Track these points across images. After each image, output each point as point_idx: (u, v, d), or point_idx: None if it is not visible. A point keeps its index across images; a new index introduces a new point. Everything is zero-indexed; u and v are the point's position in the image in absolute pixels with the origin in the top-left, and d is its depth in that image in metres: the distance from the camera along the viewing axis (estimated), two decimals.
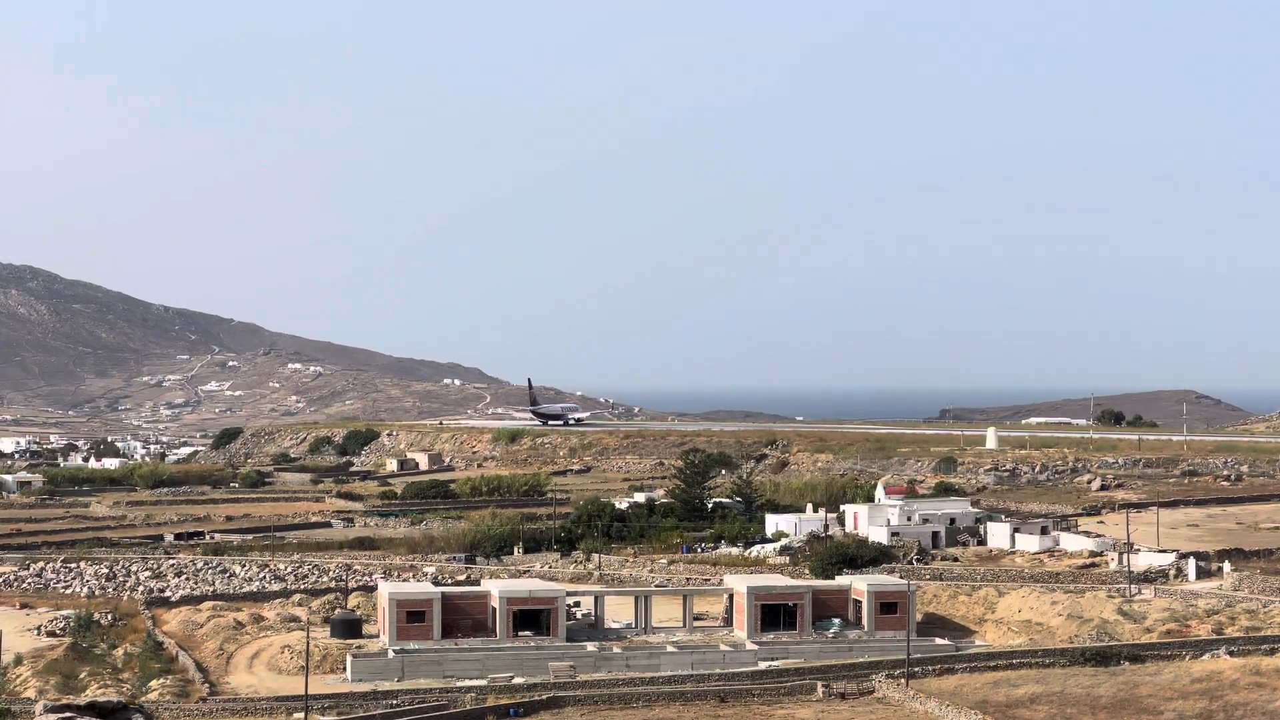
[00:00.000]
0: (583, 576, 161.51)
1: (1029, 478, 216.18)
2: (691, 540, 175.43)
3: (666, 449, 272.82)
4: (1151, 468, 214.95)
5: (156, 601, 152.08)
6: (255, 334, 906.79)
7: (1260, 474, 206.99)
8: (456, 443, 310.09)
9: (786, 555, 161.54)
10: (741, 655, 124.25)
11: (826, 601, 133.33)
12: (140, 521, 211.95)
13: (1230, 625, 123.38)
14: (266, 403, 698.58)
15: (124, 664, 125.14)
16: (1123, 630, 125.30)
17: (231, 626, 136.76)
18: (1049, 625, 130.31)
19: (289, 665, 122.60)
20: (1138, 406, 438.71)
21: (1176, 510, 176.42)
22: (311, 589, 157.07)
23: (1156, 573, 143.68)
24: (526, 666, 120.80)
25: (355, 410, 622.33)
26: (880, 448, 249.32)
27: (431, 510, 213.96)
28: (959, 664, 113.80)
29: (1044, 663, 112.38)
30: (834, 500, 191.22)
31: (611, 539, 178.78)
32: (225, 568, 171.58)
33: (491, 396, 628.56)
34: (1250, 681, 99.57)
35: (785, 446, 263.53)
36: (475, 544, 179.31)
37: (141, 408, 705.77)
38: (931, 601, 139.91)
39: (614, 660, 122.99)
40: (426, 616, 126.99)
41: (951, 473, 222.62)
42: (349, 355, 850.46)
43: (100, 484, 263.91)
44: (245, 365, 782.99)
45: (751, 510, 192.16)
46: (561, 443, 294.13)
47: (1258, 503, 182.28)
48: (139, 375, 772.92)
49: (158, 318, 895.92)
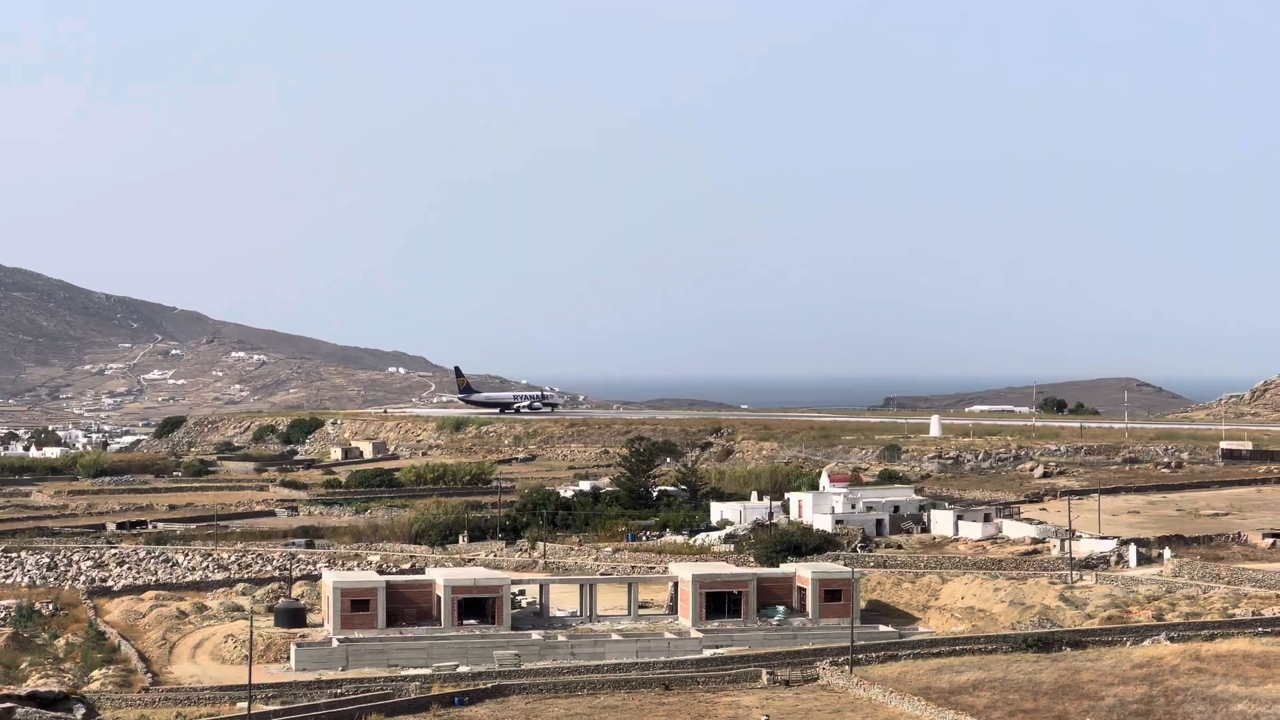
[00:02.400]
0: (528, 565, 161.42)
1: (972, 465, 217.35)
2: (636, 528, 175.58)
3: (611, 437, 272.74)
4: (1093, 455, 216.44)
5: (98, 591, 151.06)
6: (198, 322, 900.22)
7: (1200, 461, 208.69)
8: (401, 431, 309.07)
9: (731, 543, 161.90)
10: (686, 643, 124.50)
11: (771, 589, 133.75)
12: (82, 511, 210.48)
13: (1170, 611, 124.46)
14: (210, 391, 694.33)
15: (66, 654, 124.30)
16: (1064, 616, 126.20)
17: (174, 616, 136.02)
18: (992, 612, 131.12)
19: (232, 655, 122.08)
20: (1080, 394, 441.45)
21: (1118, 497, 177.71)
22: (255, 578, 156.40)
23: (1098, 559, 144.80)
24: (471, 655, 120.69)
25: (299, 399, 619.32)
26: (825, 436, 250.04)
27: (376, 499, 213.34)
28: (903, 651, 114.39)
29: (986, 649, 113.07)
30: (779, 488, 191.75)
31: (556, 527, 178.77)
32: (168, 557, 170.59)
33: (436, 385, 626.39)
34: (1190, 667, 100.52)
35: (730, 435, 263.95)
36: (420, 532, 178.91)
37: (83, 396, 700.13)
38: (876, 589, 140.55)
39: (559, 648, 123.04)
40: (371, 605, 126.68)
41: (895, 460, 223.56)
42: (293, 343, 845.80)
43: (41, 473, 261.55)
44: (188, 354, 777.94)
45: (696, 498, 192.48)
46: (506, 431, 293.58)
47: (1198, 489, 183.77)
48: (80, 364, 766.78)
49: (99, 306, 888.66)
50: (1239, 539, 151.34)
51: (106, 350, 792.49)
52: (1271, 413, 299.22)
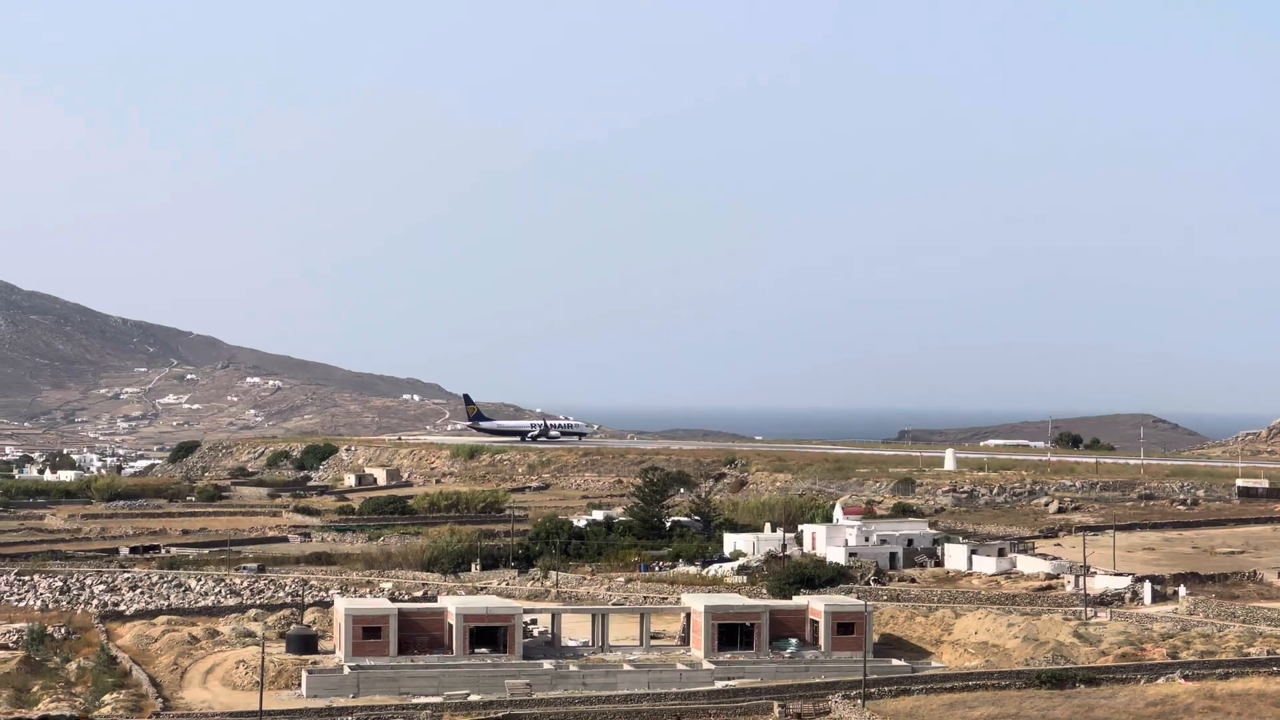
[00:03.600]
0: (540, 594, 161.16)
1: (987, 499, 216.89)
2: (649, 559, 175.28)
3: (625, 467, 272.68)
4: (1109, 491, 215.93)
5: (111, 615, 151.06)
6: (214, 347, 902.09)
7: (1216, 498, 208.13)
8: (415, 458, 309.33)
9: (744, 574, 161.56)
10: (698, 674, 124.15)
11: (784, 621, 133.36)
12: (95, 534, 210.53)
13: (1185, 649, 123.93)
14: (224, 416, 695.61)
15: (77, 678, 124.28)
16: (1078, 653, 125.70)
17: (186, 641, 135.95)
18: (1005, 647, 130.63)
19: (244, 681, 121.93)
20: (1095, 430, 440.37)
21: (1133, 534, 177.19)
22: (267, 604, 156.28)
23: (1112, 596, 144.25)
24: (483, 684, 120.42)
25: (313, 425, 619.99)
26: (839, 468, 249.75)
27: (389, 526, 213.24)
28: (915, 685, 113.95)
29: (1000, 684, 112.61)
30: (792, 520, 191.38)
31: (569, 556, 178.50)
32: (180, 582, 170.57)
33: (450, 412, 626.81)
34: (1205, 706, 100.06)
35: (744, 466, 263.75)
36: (433, 560, 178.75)
37: (98, 420, 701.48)
38: (888, 622, 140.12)
39: (570, 678, 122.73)
40: (383, 633, 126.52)
41: (910, 494, 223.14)
42: (308, 370, 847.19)
43: (55, 496, 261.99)
44: (203, 378, 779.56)
45: (709, 529, 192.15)
46: (520, 459, 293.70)
47: (1213, 527, 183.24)
48: (96, 387, 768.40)
49: (116, 330, 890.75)
50: (1254, 577, 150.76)
51: (122, 374, 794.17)
52: None
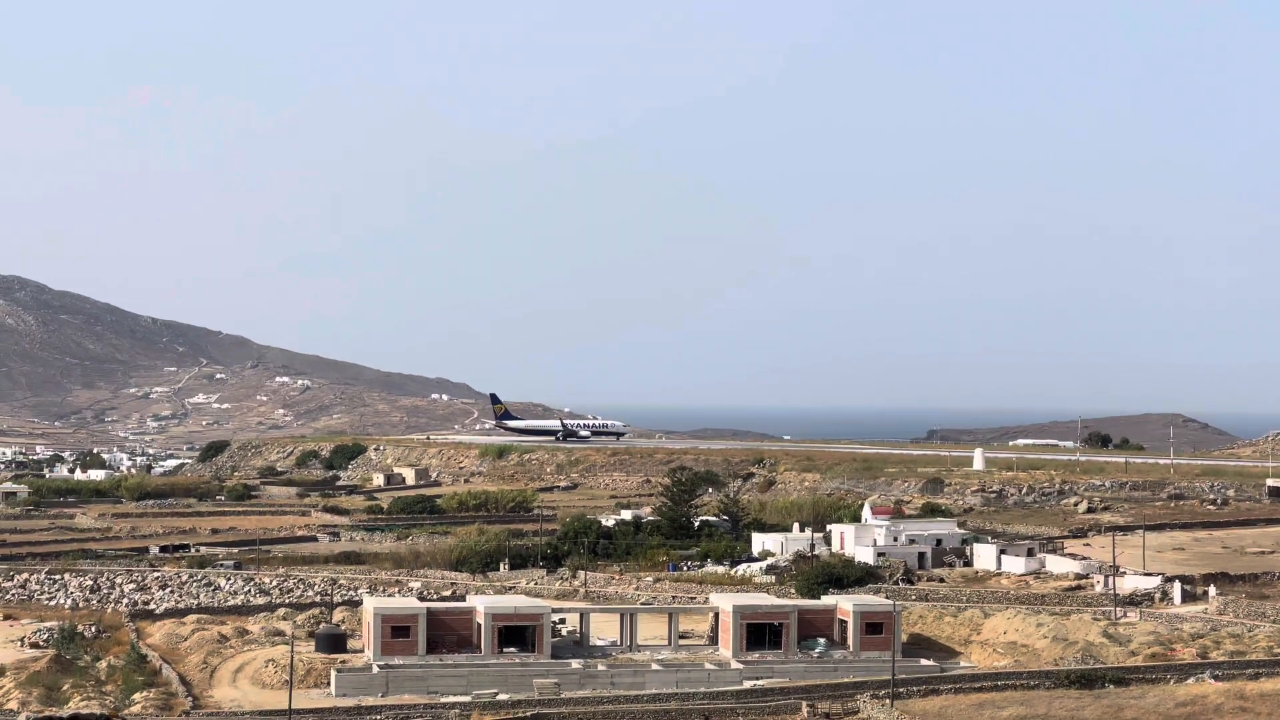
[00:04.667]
0: (568, 593, 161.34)
1: (1016, 499, 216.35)
2: (677, 558, 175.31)
3: (654, 467, 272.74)
4: (1138, 490, 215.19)
5: (140, 614, 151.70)
6: (243, 347, 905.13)
7: (1246, 498, 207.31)
8: (443, 458, 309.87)
9: (772, 574, 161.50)
10: (726, 674, 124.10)
11: (812, 621, 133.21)
12: (125, 533, 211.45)
13: (1215, 649, 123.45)
14: (254, 416, 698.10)
15: (107, 676, 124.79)
16: (1108, 653, 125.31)
17: (216, 640, 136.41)
18: (1034, 647, 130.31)
19: (273, 679, 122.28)
20: (1125, 429, 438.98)
21: (1162, 533, 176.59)
22: (296, 603, 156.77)
23: (1142, 596, 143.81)
24: (511, 683, 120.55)
25: (342, 424, 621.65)
26: (867, 468, 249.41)
27: (418, 525, 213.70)
28: (944, 685, 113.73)
29: (1029, 685, 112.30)
30: (820, 520, 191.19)
31: (598, 556, 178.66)
32: (210, 581, 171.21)
33: (479, 411, 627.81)
34: (1235, 706, 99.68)
35: (772, 465, 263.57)
36: (461, 559, 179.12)
37: (128, 419, 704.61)
38: (917, 622, 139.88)
39: (599, 678, 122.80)
40: (411, 632, 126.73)
41: (938, 493, 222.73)
42: (337, 369, 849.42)
43: (86, 495, 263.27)
44: (233, 378, 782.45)
45: (738, 529, 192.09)
46: (549, 459, 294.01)
47: (1243, 527, 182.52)
48: (126, 387, 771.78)
49: (145, 329, 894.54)
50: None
51: (152, 374, 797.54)
52: None
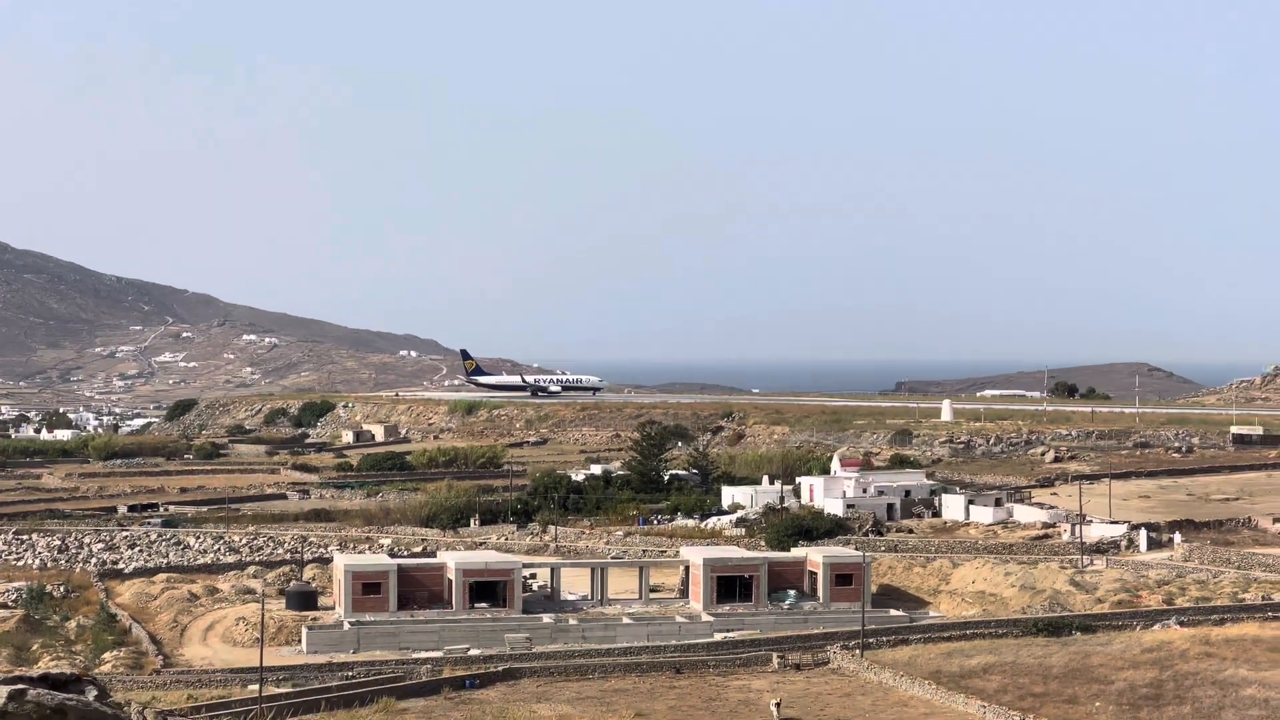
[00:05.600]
0: (539, 548, 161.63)
1: (983, 450, 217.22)
2: (647, 512, 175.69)
3: (623, 421, 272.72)
4: (1104, 440, 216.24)
5: (109, 573, 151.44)
6: (209, 305, 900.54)
7: (1211, 446, 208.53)
8: (413, 414, 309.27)
9: (742, 527, 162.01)
10: (697, 627, 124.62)
11: (782, 573, 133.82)
12: (93, 493, 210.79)
13: (1180, 596, 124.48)
14: (221, 374, 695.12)
15: (77, 636, 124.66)
16: (1075, 601, 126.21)
17: (185, 598, 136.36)
18: (1002, 596, 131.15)
19: (244, 637, 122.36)
20: (1091, 379, 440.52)
21: (1128, 482, 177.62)
22: (267, 561, 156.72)
23: (1108, 544, 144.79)
24: (483, 638, 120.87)
25: (311, 382, 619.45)
26: (836, 420, 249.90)
27: (387, 482, 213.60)
28: (913, 635, 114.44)
29: (997, 633, 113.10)
30: (790, 472, 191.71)
31: (568, 511, 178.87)
32: (179, 540, 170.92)
33: (448, 368, 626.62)
34: (1200, 651, 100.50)
35: (741, 419, 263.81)
36: (432, 516, 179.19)
37: (94, 379, 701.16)
38: (886, 573, 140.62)
39: (570, 632, 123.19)
40: (382, 588, 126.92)
41: (907, 445, 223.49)
42: (304, 327, 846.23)
43: (52, 455, 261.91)
44: (199, 336, 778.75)
45: (708, 482, 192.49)
46: (518, 414, 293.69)
47: (1208, 474, 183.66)
48: (91, 346, 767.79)
49: (110, 288, 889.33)
50: (1249, 524, 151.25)
51: (117, 333, 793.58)
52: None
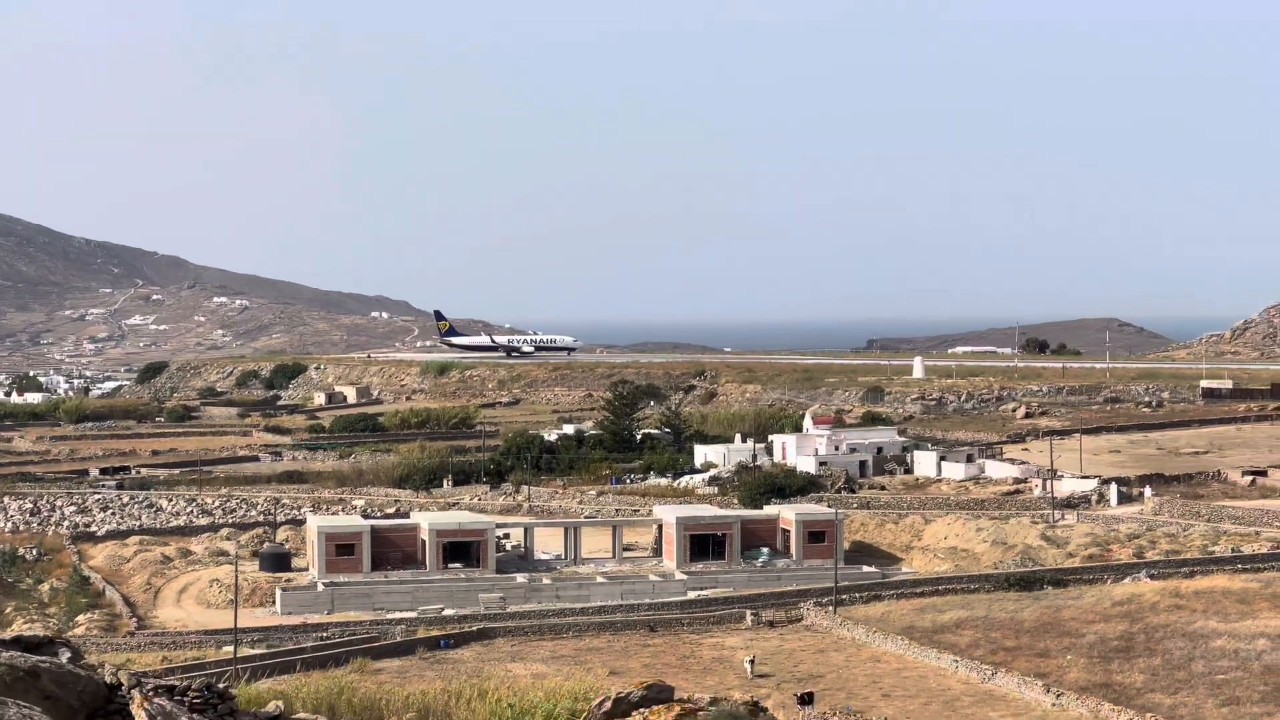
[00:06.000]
0: (512, 508, 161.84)
1: (955, 406, 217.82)
2: (620, 471, 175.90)
3: (595, 381, 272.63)
4: (1075, 395, 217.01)
5: (82, 536, 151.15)
6: (179, 267, 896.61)
7: (1181, 400, 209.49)
8: (385, 376, 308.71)
9: (715, 485, 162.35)
10: (671, 585, 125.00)
11: (755, 531, 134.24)
12: (64, 456, 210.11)
13: (1151, 549, 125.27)
14: (192, 336, 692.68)
15: (50, 599, 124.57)
16: (1046, 555, 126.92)
17: (159, 561, 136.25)
18: (974, 551, 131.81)
19: (217, 599, 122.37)
20: (1062, 335, 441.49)
21: (1099, 437, 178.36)
22: (240, 523, 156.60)
23: (1079, 498, 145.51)
24: (457, 598, 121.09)
25: (282, 344, 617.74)
26: (808, 378, 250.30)
27: (360, 444, 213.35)
28: (886, 591, 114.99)
29: (969, 588, 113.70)
30: (762, 430, 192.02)
31: (540, 471, 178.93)
32: (152, 502, 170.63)
33: (420, 329, 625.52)
34: (1170, 604, 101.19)
35: (713, 377, 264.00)
36: (405, 476, 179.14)
37: (64, 342, 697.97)
38: (859, 530, 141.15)
39: (544, 591, 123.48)
40: (356, 550, 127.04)
41: (879, 402, 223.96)
42: (275, 288, 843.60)
43: (23, 419, 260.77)
44: (170, 299, 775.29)
45: (680, 441, 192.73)
46: (490, 375, 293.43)
47: (1178, 428, 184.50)
48: (61, 309, 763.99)
49: (79, 251, 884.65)
50: (1219, 477, 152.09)
51: (87, 295, 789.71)
52: (1251, 351, 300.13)
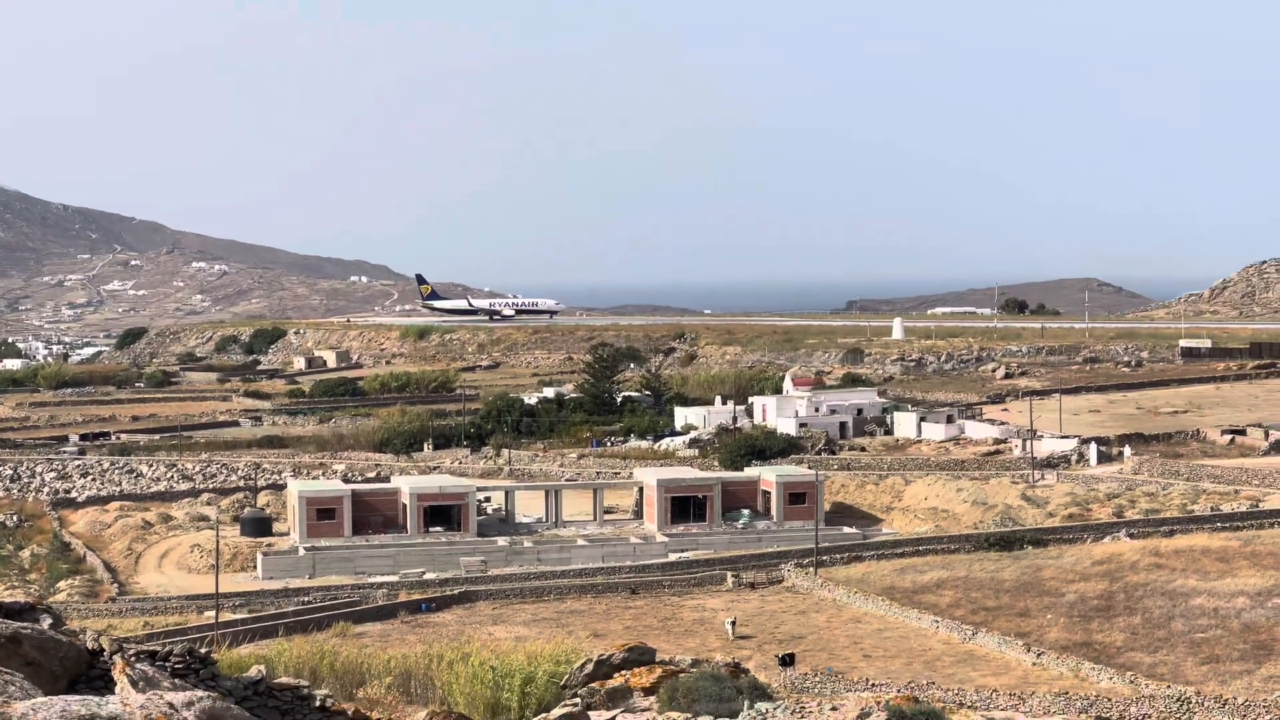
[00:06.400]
0: (493, 472, 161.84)
1: (935, 367, 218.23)
2: (601, 434, 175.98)
3: (575, 344, 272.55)
4: (1054, 355, 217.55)
5: (62, 502, 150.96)
6: (157, 232, 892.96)
7: (1160, 360, 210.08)
8: (364, 340, 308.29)
9: (695, 448, 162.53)
10: (652, 547, 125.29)
11: (736, 493, 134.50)
12: (44, 423, 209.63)
13: (1130, 508, 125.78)
14: (171, 302, 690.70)
15: (31, 565, 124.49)
16: (1026, 515, 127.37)
17: (140, 526, 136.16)
18: (954, 512, 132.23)
19: (199, 564, 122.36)
20: (1041, 295, 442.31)
21: (1078, 397, 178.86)
22: (220, 488, 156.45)
23: (1059, 458, 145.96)
24: (438, 562, 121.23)
25: (261, 309, 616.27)
26: (788, 339, 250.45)
27: (340, 408, 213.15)
28: (867, 552, 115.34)
29: (949, 548, 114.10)
30: (742, 392, 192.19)
31: (521, 434, 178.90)
32: (132, 468, 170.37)
33: (399, 293, 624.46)
34: (1150, 563, 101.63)
35: (693, 340, 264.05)
36: (385, 441, 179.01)
37: (43, 308, 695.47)
38: (840, 491, 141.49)
39: (525, 554, 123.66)
40: (337, 514, 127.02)
41: (858, 363, 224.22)
42: (254, 253, 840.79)
43: (2, 385, 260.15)
44: (148, 264, 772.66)
45: (660, 403, 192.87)
46: (470, 339, 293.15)
47: (1157, 388, 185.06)
48: (39, 275, 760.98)
49: (57, 216, 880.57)
50: (1198, 436, 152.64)
51: (65, 261, 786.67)
52: (1230, 311, 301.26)
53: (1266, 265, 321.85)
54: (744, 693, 40.56)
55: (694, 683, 41.16)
